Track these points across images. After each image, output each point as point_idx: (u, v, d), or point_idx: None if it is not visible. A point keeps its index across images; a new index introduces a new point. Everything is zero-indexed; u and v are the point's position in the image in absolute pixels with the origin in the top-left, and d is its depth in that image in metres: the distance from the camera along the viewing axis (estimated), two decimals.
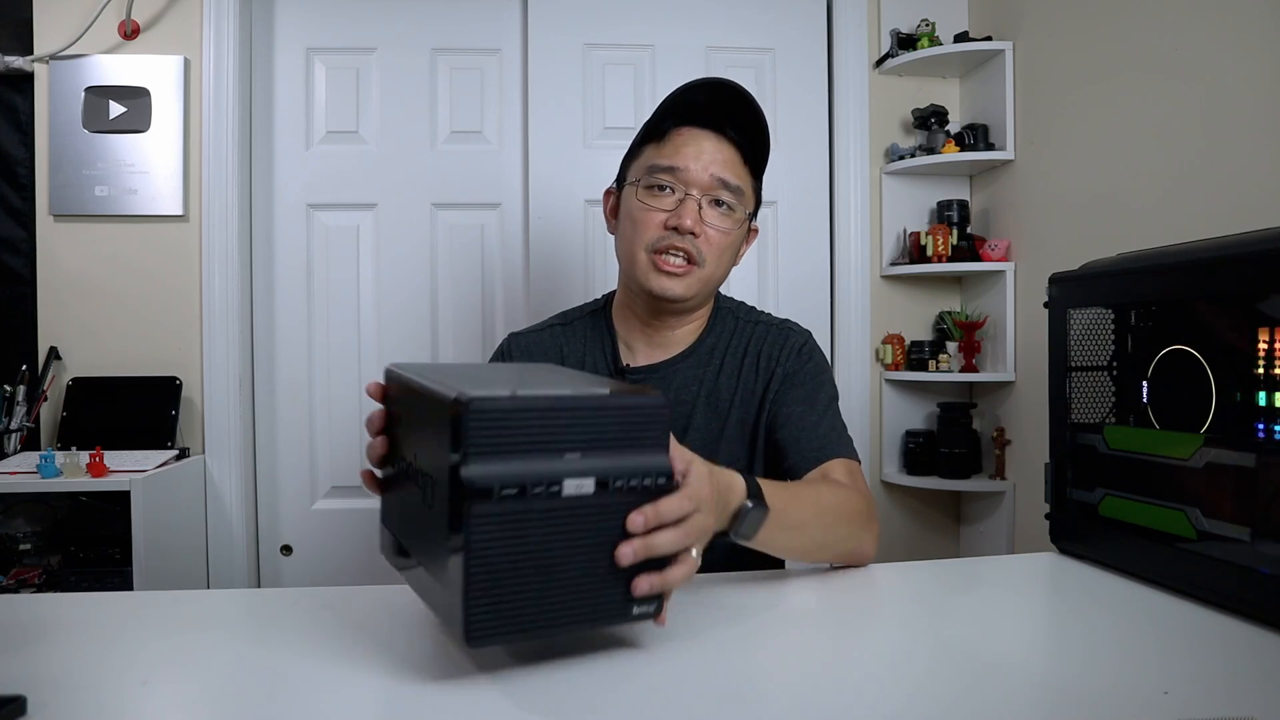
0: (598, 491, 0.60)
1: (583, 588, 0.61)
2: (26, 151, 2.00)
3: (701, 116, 1.04)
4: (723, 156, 1.03)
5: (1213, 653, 0.71)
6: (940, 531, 2.28)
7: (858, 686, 0.64)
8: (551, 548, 0.59)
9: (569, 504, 0.59)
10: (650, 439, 0.63)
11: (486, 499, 0.56)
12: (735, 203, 1.05)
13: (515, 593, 0.58)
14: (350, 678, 0.64)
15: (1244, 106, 1.38)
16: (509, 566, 0.58)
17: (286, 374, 2.11)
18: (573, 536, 0.60)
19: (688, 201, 1.02)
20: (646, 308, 1.09)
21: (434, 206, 2.14)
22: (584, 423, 0.60)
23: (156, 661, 0.67)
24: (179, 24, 2.01)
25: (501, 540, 0.57)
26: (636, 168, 1.08)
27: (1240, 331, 0.79)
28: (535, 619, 0.59)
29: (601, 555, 0.61)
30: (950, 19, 2.19)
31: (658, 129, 1.06)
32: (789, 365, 1.09)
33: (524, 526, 0.58)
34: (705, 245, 1.03)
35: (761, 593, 0.87)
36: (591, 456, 0.60)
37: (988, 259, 2.07)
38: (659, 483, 0.63)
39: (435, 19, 2.13)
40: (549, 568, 0.59)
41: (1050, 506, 1.03)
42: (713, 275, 1.06)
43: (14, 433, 1.88)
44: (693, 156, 1.02)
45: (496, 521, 0.57)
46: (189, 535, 1.94)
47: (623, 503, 0.61)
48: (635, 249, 1.04)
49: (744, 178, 1.06)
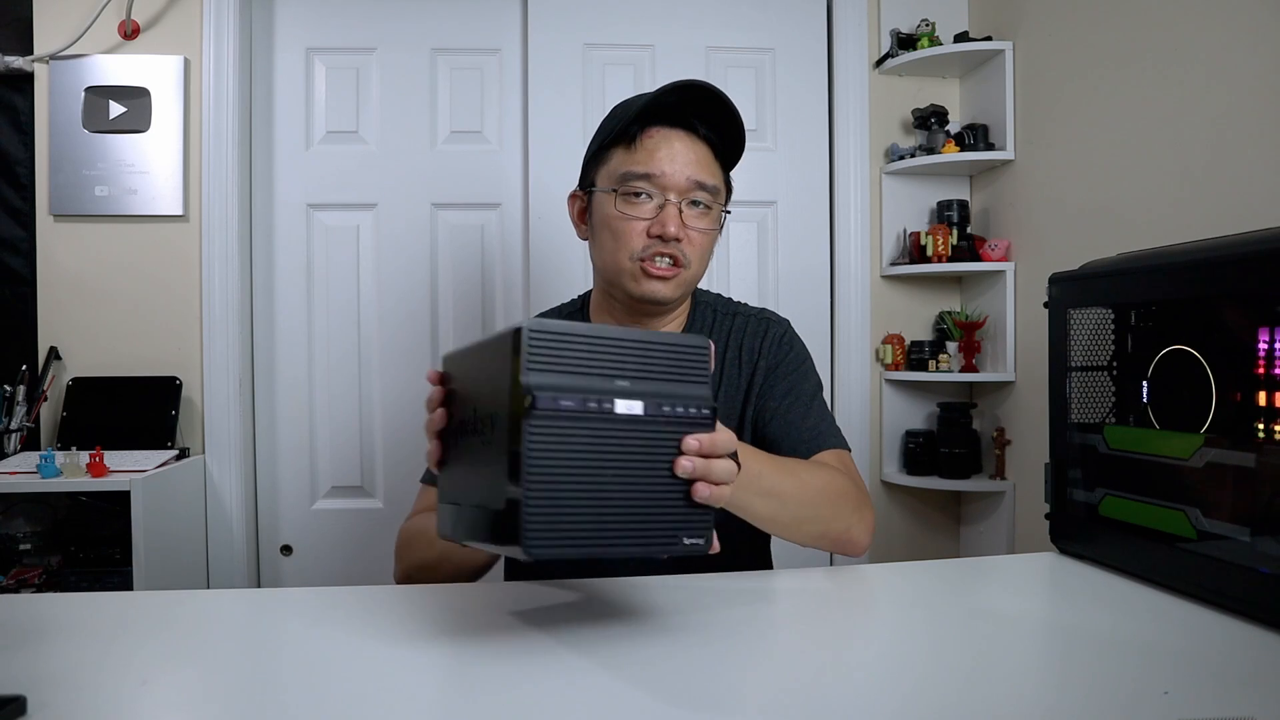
0: (647, 415, 0.63)
1: (635, 511, 0.63)
2: (26, 151, 2.00)
3: (671, 116, 1.03)
4: (696, 156, 1.02)
5: (1213, 653, 0.71)
6: (940, 531, 2.28)
7: (857, 687, 0.64)
8: (605, 466, 0.62)
9: (621, 423, 0.62)
10: (694, 375, 0.66)
11: (547, 407, 0.59)
12: (712, 201, 1.04)
13: (572, 507, 0.60)
14: (350, 678, 0.64)
15: (1244, 106, 1.38)
16: (567, 479, 0.60)
17: (286, 374, 2.11)
18: (625, 457, 0.62)
19: (668, 208, 1.01)
20: (627, 309, 1.08)
21: (434, 206, 2.14)
22: (633, 355, 0.64)
23: (156, 661, 0.67)
24: (179, 24, 2.01)
25: (560, 449, 0.60)
26: (607, 174, 1.06)
27: (1240, 331, 0.79)
28: (591, 537, 0.61)
29: (653, 480, 0.64)
30: (950, 19, 2.19)
31: (626, 132, 1.04)
32: (771, 357, 1.09)
33: (580, 440, 0.61)
34: (689, 247, 1.03)
35: (760, 593, 0.87)
36: (640, 384, 0.64)
37: (988, 259, 2.07)
38: (702, 413, 0.66)
39: (435, 19, 2.13)
40: (603, 487, 0.62)
41: (1050, 506, 1.03)
42: (696, 274, 1.06)
43: (14, 433, 1.88)
44: (667, 160, 1.01)
45: (555, 431, 0.60)
46: (189, 535, 1.94)
47: (669, 431, 0.64)
48: (620, 258, 1.03)
49: (718, 175, 1.05)
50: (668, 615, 0.79)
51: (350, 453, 2.12)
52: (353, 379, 2.12)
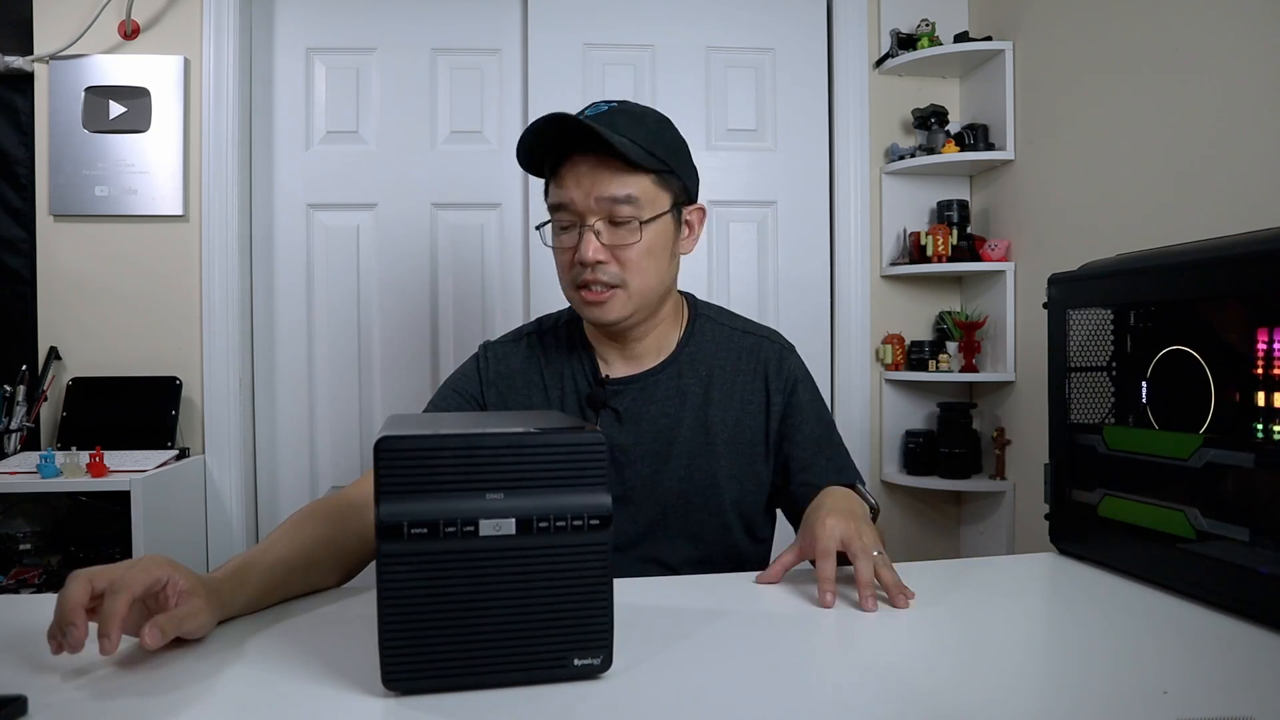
0: (521, 532, 0.58)
1: (513, 638, 0.59)
2: (26, 151, 2.00)
3: (571, 142, 1.00)
4: (601, 176, 0.98)
5: (1212, 653, 0.71)
6: (940, 531, 2.28)
7: (856, 687, 0.64)
8: (474, 593, 0.58)
9: (489, 545, 0.58)
10: (589, 475, 0.60)
11: (397, 538, 0.56)
12: (632, 213, 0.99)
13: (438, 638, 0.57)
14: (350, 678, 0.64)
15: (1244, 106, 1.38)
16: (429, 609, 0.57)
17: (286, 374, 2.12)
18: (498, 581, 0.58)
19: (585, 234, 0.99)
20: (604, 329, 1.07)
21: (434, 206, 2.14)
22: (510, 461, 0.59)
23: (156, 661, 0.67)
24: (179, 24, 2.02)
25: (416, 581, 0.57)
26: (547, 208, 1.06)
27: (1240, 332, 0.79)
28: (461, 668, 0.58)
29: (533, 603, 0.59)
30: (950, 19, 2.19)
31: (550, 167, 1.03)
32: (789, 392, 1.10)
33: (441, 568, 0.57)
34: (619, 266, 1.00)
35: (759, 593, 0.87)
36: (517, 496, 0.59)
37: (988, 259, 2.08)
38: (591, 524, 0.60)
39: (435, 19, 2.13)
40: (473, 615, 0.58)
41: (1050, 507, 1.03)
42: (642, 288, 1.02)
43: (14, 433, 1.88)
44: (573, 186, 0.99)
45: (409, 561, 0.57)
46: (189, 535, 1.94)
47: (551, 544, 0.59)
48: (565, 288, 1.05)
49: (635, 183, 0.99)
50: (664, 615, 0.79)
51: (350, 452, 2.12)
52: (353, 379, 2.12)
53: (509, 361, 1.12)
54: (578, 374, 1.10)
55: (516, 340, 1.15)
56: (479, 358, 1.14)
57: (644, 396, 1.07)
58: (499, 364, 1.12)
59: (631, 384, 1.08)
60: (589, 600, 0.60)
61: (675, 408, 1.07)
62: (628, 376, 1.08)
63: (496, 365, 1.12)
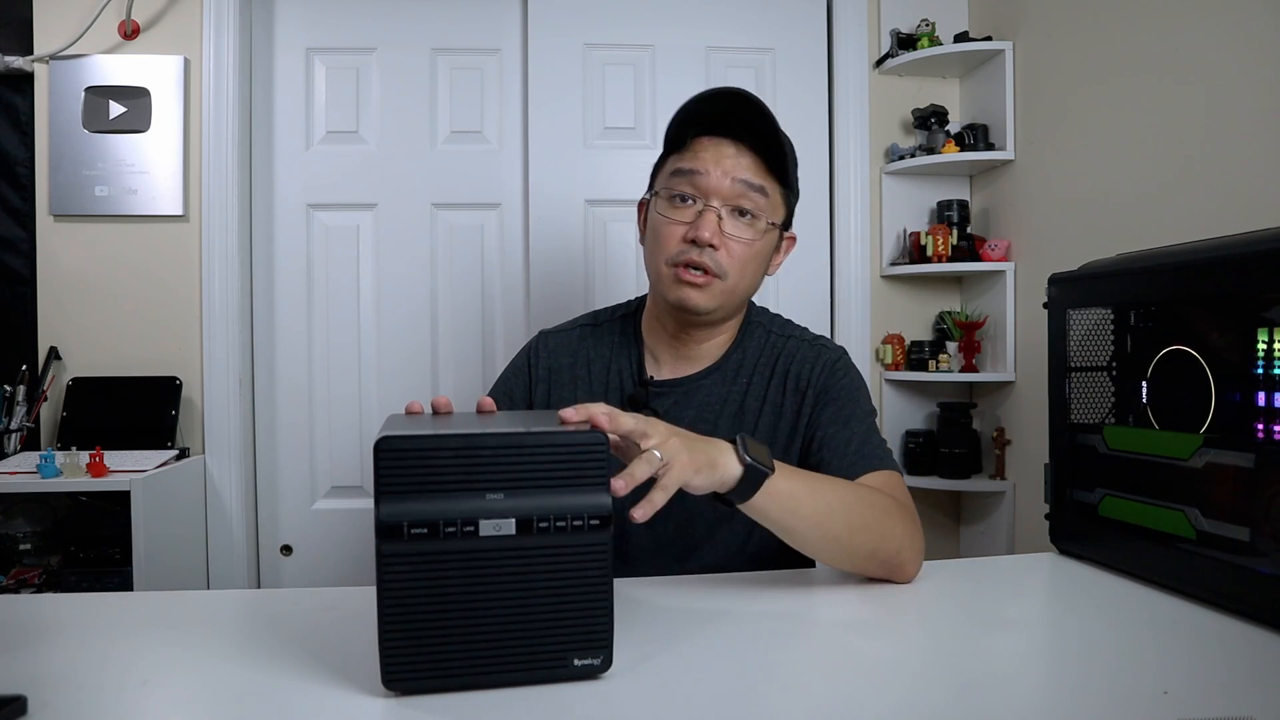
0: (521, 533, 0.59)
1: (513, 638, 0.59)
2: (26, 151, 2.00)
3: (720, 126, 1.02)
4: (745, 161, 1.01)
5: (1212, 653, 0.71)
6: (940, 531, 2.28)
7: (855, 687, 0.64)
8: (474, 593, 0.58)
9: (489, 545, 0.58)
10: (589, 476, 0.60)
11: (397, 538, 0.57)
12: (759, 208, 1.01)
13: (438, 638, 0.57)
14: (350, 678, 0.64)
15: (1244, 106, 1.38)
16: (429, 609, 0.57)
17: (286, 374, 2.11)
18: (498, 581, 0.58)
19: (707, 213, 0.99)
20: (674, 320, 1.07)
21: (434, 206, 2.14)
22: (510, 462, 0.59)
23: (156, 661, 0.67)
24: (179, 24, 2.01)
25: (416, 581, 0.57)
26: (662, 176, 1.06)
27: (1239, 332, 0.79)
28: (461, 668, 0.58)
29: (533, 603, 0.59)
30: (950, 19, 2.19)
31: (680, 139, 1.04)
32: (820, 384, 1.05)
33: (441, 568, 0.57)
34: (726, 258, 1.00)
35: (759, 593, 0.87)
36: (517, 496, 0.59)
37: (988, 259, 2.07)
38: (591, 524, 0.60)
39: (435, 19, 2.13)
40: (474, 615, 0.58)
41: (1050, 507, 1.03)
42: (737, 287, 1.02)
43: (14, 433, 1.88)
44: (713, 161, 1.00)
45: (409, 561, 0.57)
46: (189, 535, 1.94)
47: (551, 544, 0.59)
48: (658, 262, 1.03)
49: (767, 180, 1.02)
50: (664, 615, 0.79)
51: (350, 453, 2.12)
52: (353, 379, 2.12)
53: (559, 356, 1.13)
54: (624, 371, 1.10)
55: (569, 331, 1.16)
56: (531, 351, 1.15)
57: (685, 401, 1.07)
58: (549, 358, 1.13)
59: (675, 387, 1.08)
60: (589, 600, 0.61)
61: (713, 414, 1.06)
62: (672, 379, 1.08)
63: (548, 360, 1.13)
